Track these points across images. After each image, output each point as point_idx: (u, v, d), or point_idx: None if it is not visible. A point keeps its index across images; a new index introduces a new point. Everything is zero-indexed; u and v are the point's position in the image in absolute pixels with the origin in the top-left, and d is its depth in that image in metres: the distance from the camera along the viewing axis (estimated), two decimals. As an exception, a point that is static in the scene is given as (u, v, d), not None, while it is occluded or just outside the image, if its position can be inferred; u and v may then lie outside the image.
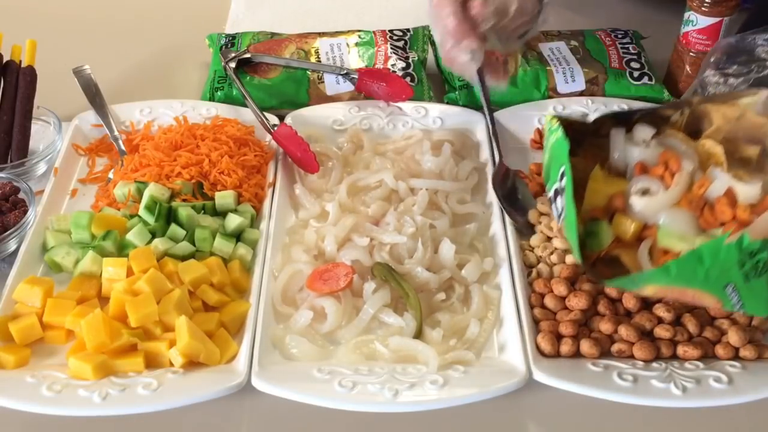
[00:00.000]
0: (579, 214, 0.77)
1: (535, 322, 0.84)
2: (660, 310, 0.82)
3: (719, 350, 0.80)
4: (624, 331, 0.80)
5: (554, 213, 0.84)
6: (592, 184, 0.84)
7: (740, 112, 0.84)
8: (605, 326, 0.81)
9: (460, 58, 0.91)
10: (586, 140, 0.87)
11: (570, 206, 0.77)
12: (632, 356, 0.80)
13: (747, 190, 0.79)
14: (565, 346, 0.80)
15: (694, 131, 0.88)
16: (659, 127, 0.88)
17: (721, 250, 0.69)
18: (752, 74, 0.85)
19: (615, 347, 0.80)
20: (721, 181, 0.80)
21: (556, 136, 0.82)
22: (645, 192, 0.83)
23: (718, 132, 0.86)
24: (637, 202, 0.81)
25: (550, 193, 0.84)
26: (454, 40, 0.90)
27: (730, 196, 0.80)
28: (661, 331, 0.80)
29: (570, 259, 0.89)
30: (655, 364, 0.79)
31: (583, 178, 0.83)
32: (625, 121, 0.88)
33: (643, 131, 0.87)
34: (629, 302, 0.84)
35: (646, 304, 0.84)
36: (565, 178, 0.78)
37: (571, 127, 0.81)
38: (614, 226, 0.82)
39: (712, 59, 0.91)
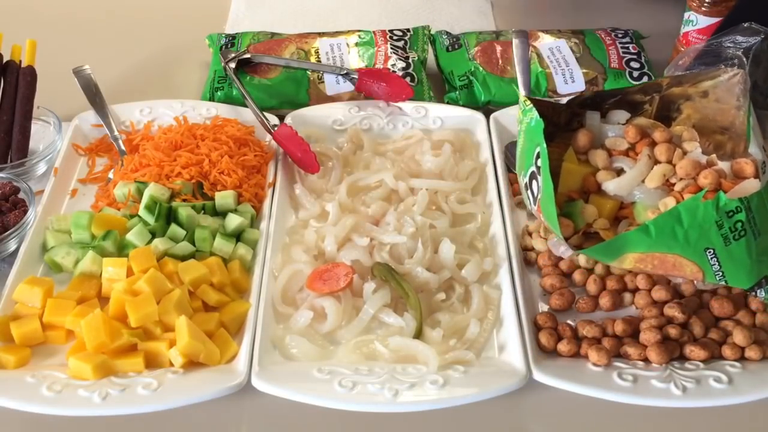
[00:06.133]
0: (556, 193, 0.79)
1: (536, 327, 0.84)
2: (673, 310, 0.82)
3: (726, 351, 0.80)
4: (643, 335, 0.80)
5: (530, 198, 0.85)
6: (566, 165, 0.86)
7: (706, 95, 0.87)
8: (620, 327, 0.81)
9: None
10: (557, 135, 0.89)
11: (547, 180, 0.77)
12: (645, 358, 0.80)
13: (719, 166, 0.82)
14: (567, 346, 0.80)
15: (664, 118, 0.91)
16: (633, 113, 0.90)
17: (699, 209, 0.71)
18: (719, 70, 0.89)
19: (627, 350, 0.80)
20: (695, 154, 0.83)
21: (530, 116, 0.83)
22: (619, 172, 0.85)
23: (688, 120, 0.89)
24: (608, 185, 0.83)
25: (526, 180, 0.84)
26: None
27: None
28: (672, 330, 0.80)
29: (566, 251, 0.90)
30: (655, 364, 0.79)
31: (556, 167, 0.84)
32: (599, 106, 0.90)
33: (619, 114, 0.90)
34: (640, 302, 0.84)
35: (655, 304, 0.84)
36: (540, 158, 0.79)
37: (544, 114, 0.83)
38: (591, 205, 0.84)
39: (680, 62, 0.94)
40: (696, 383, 0.76)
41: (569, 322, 0.84)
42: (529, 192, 0.84)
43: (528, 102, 0.85)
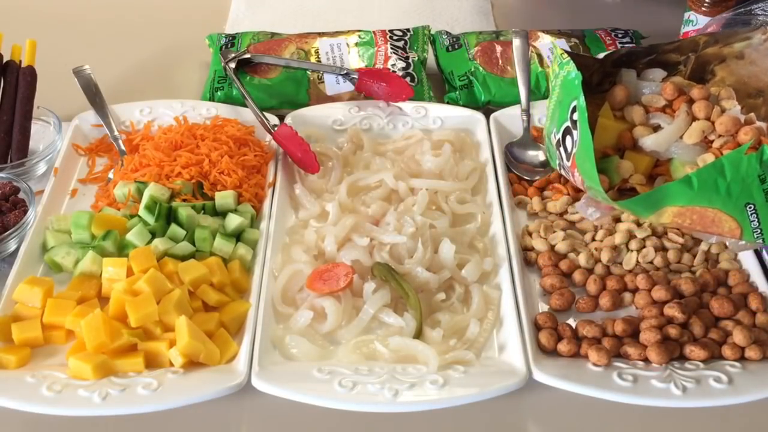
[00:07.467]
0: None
1: (536, 327, 0.84)
2: (673, 310, 0.82)
3: (726, 351, 0.80)
4: (643, 335, 0.80)
5: (562, 155, 0.84)
6: (602, 120, 0.86)
7: (742, 56, 0.88)
8: (620, 327, 0.81)
9: None
10: (588, 95, 0.89)
11: (585, 133, 0.77)
12: (645, 358, 0.79)
13: (759, 124, 0.82)
14: (567, 346, 0.80)
15: (698, 80, 0.91)
16: (669, 72, 0.91)
17: (743, 162, 0.71)
18: (755, 30, 0.89)
19: (627, 350, 0.80)
20: (734, 111, 0.83)
21: (567, 69, 0.82)
22: (656, 129, 0.85)
23: (722, 83, 0.90)
24: (646, 140, 0.83)
25: (558, 136, 0.84)
26: None
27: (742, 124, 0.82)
28: (672, 330, 0.80)
29: (560, 246, 0.90)
30: (655, 364, 0.79)
31: (590, 125, 0.84)
32: (633, 65, 0.90)
33: (655, 72, 0.90)
34: (640, 302, 0.84)
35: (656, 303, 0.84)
36: (578, 112, 0.78)
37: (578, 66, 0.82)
38: (627, 161, 0.84)
39: (708, 30, 0.94)
40: (696, 383, 0.76)
41: (569, 322, 0.84)
42: (561, 149, 0.83)
43: (565, 55, 0.84)
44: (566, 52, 0.84)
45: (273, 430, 0.77)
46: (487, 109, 1.12)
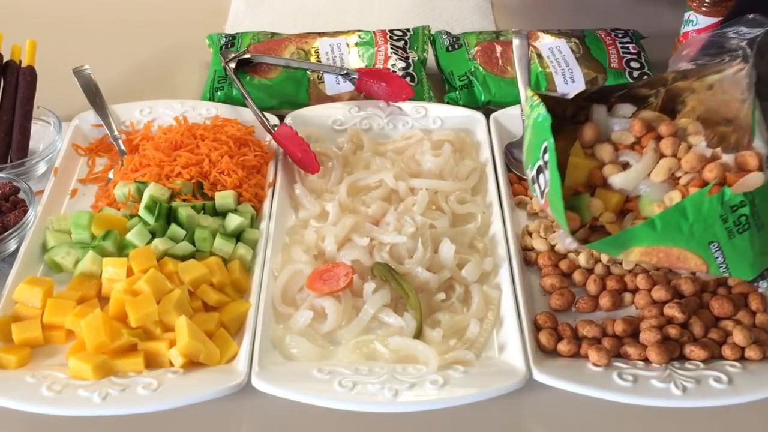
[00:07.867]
0: (563, 186, 0.79)
1: (536, 327, 0.84)
2: (673, 310, 0.82)
3: (726, 351, 0.80)
4: (643, 335, 0.80)
5: (537, 192, 0.85)
6: (573, 159, 0.87)
7: (711, 87, 0.88)
8: (620, 327, 0.81)
9: None
10: (563, 128, 0.90)
11: (554, 175, 0.78)
12: (645, 358, 0.79)
13: (724, 160, 0.82)
14: (567, 346, 0.80)
15: (669, 111, 0.92)
16: (639, 106, 0.91)
17: (704, 203, 0.72)
18: (724, 64, 0.89)
19: (627, 350, 0.80)
20: (700, 147, 0.83)
21: (538, 112, 0.83)
22: (625, 166, 0.85)
23: (693, 112, 0.90)
24: (614, 179, 0.84)
25: (532, 173, 0.85)
26: None
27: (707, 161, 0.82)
28: (672, 330, 0.80)
29: (560, 246, 0.90)
30: (655, 364, 0.79)
31: (562, 161, 0.85)
32: (605, 100, 0.91)
33: (625, 108, 0.91)
34: (640, 302, 0.84)
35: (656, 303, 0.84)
36: (548, 153, 0.80)
37: (550, 107, 0.83)
38: (597, 199, 0.85)
39: (684, 52, 0.95)
40: (696, 383, 0.76)
41: (569, 322, 0.84)
42: (536, 185, 0.85)
43: (536, 97, 0.85)
44: (537, 93, 0.85)
45: (273, 430, 0.77)
46: (487, 109, 1.12)
